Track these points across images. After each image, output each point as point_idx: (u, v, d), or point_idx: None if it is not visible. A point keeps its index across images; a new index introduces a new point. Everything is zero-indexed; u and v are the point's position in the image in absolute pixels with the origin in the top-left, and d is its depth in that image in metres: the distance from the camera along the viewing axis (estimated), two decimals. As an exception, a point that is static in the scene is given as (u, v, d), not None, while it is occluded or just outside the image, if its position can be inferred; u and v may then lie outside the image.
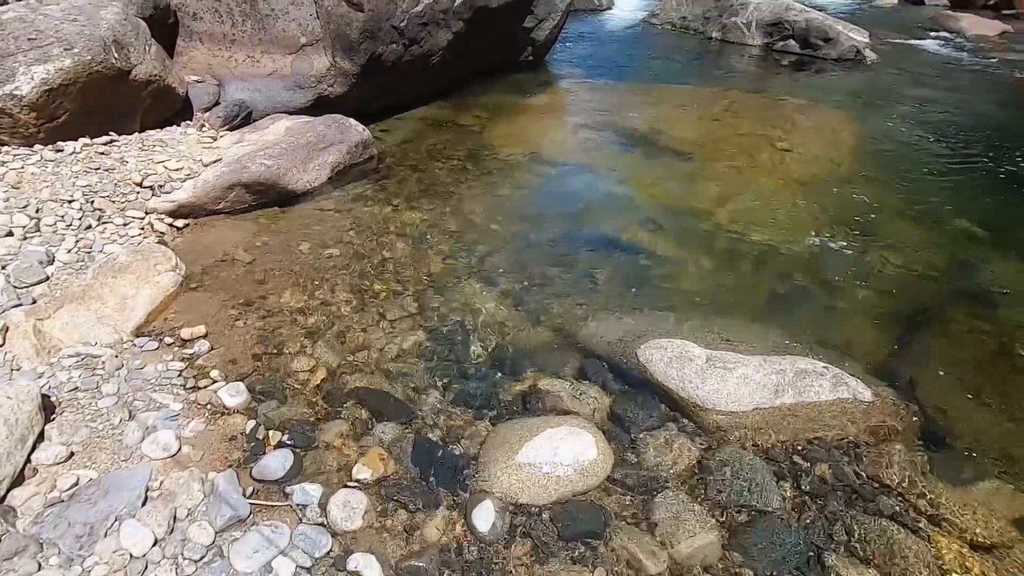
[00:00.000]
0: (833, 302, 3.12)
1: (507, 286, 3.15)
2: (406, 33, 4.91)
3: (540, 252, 3.50)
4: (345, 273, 3.15)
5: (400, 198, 4.02)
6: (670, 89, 6.89)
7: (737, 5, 9.26)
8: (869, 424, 2.20)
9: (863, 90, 6.96)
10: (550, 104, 6.26)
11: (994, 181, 4.65)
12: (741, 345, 2.51)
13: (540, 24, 6.79)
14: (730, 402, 2.17)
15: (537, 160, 4.80)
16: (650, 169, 4.68)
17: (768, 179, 4.53)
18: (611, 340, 2.61)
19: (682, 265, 3.40)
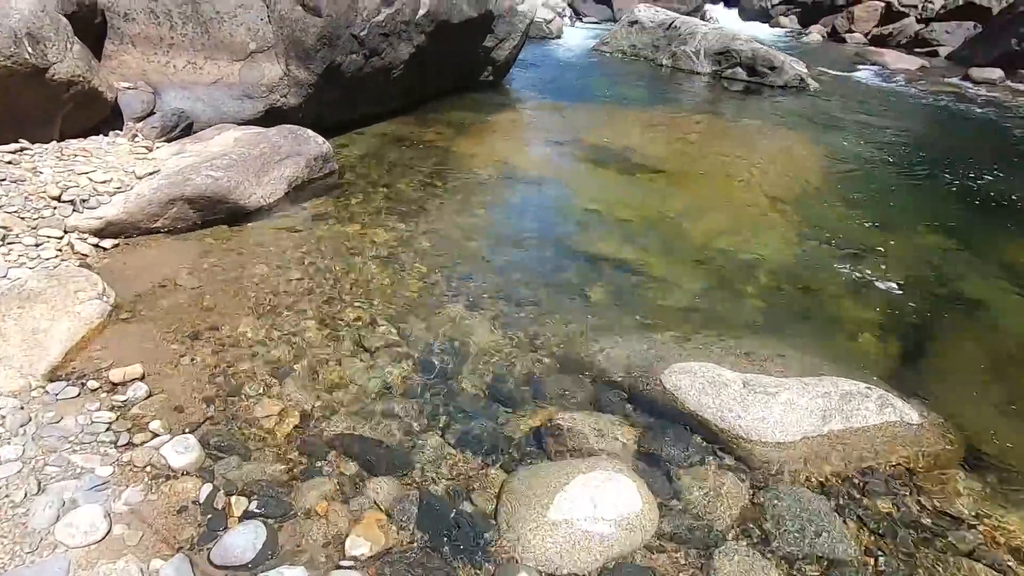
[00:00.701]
0: (840, 314, 2.98)
1: (494, 308, 2.82)
2: (367, 43, 4.59)
3: (524, 271, 3.20)
4: (312, 298, 2.73)
5: (366, 215, 3.64)
6: (632, 111, 6.87)
7: (685, 34, 9.52)
8: (921, 449, 2.00)
9: (813, 114, 7.20)
10: (515, 122, 6.07)
11: (945, 193, 4.82)
12: (770, 365, 2.28)
13: (500, 44, 6.64)
14: (777, 432, 1.92)
15: (508, 177, 4.54)
16: (626, 186, 4.51)
17: (743, 195, 4.46)
18: (626, 365, 2.32)
19: (676, 282, 3.19)
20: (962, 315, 3.04)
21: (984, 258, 3.68)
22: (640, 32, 10.10)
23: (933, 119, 7.55)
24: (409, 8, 4.82)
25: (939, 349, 2.74)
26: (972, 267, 3.56)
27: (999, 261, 3.66)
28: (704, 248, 3.58)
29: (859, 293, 3.21)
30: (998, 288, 3.35)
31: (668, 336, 2.60)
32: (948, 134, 6.96)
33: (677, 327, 2.72)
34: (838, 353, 2.63)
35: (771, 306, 3.03)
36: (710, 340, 2.57)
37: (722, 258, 3.48)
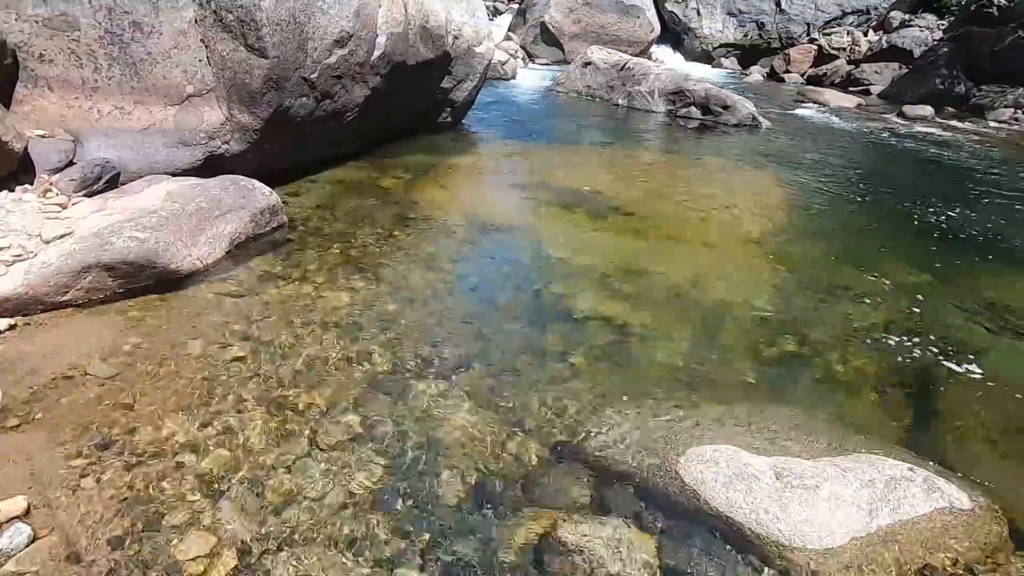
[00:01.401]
0: (838, 369, 2.78)
1: (471, 383, 2.47)
2: (318, 85, 4.27)
3: (500, 334, 2.88)
4: (255, 382, 2.31)
5: (321, 275, 3.25)
6: (594, 151, 6.78)
7: (639, 75, 9.66)
8: (975, 540, 1.75)
9: (768, 152, 7.30)
10: (477, 165, 5.82)
11: (906, 227, 4.84)
12: (790, 443, 2.01)
13: (458, 85, 6.45)
14: (823, 535, 1.63)
15: (474, 225, 4.25)
16: (597, 231, 4.29)
17: (715, 236, 4.30)
18: (631, 451, 2.01)
19: (661, 338, 2.93)
20: (961, 364, 2.90)
21: (963, 296, 3.60)
22: (594, 73, 10.20)
23: (879, 154, 7.80)
24: (363, 50, 4.55)
25: (952, 407, 2.55)
26: (954, 307, 3.46)
27: (978, 299, 3.60)
28: (683, 296, 3.36)
29: (852, 342, 3.03)
30: (986, 330, 3.25)
31: (670, 409, 2.31)
32: (896, 168, 7.17)
33: (676, 397, 2.44)
34: (851, 419, 2.40)
35: (765, 363, 2.80)
36: (717, 412, 2.29)
37: (703, 306, 3.26)
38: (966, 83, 11.81)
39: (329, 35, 4.20)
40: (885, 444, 2.16)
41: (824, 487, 1.72)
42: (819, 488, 1.71)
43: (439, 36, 5.62)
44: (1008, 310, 3.48)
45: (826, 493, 1.70)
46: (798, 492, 1.71)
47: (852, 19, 16.71)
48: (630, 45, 15.22)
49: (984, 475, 2.09)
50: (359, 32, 4.44)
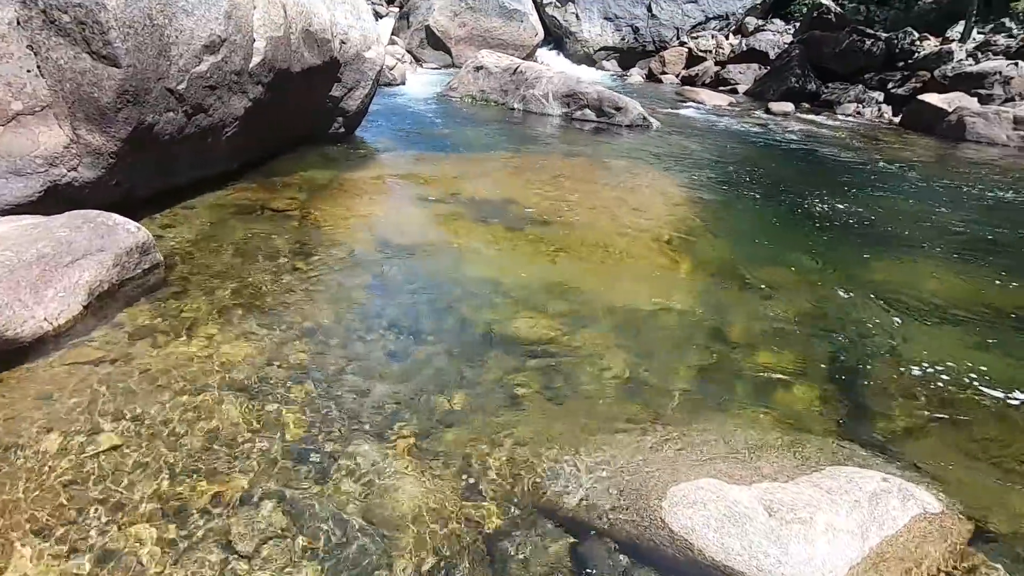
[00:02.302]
0: (774, 370, 2.79)
1: (406, 436, 2.16)
2: (188, 98, 3.68)
3: (433, 373, 2.58)
4: (140, 479, 1.83)
5: (211, 324, 2.74)
6: (498, 158, 6.61)
7: (532, 79, 9.66)
8: (950, 542, 1.75)
9: (663, 150, 7.56)
10: (378, 178, 5.42)
11: (795, 217, 5.13)
12: (762, 463, 1.92)
13: (350, 93, 5.99)
14: (826, 574, 1.52)
15: (385, 247, 3.88)
16: (514, 244, 4.10)
17: (631, 241, 4.28)
18: (607, 499, 1.81)
19: (602, 356, 2.79)
20: (881, 353, 3.03)
21: (858, 281, 3.82)
22: (487, 77, 10.06)
23: (757, 148, 8.37)
24: (239, 56, 4.01)
25: (883, 396, 2.64)
26: (854, 293, 3.66)
27: (871, 282, 3.83)
28: (614, 308, 3.25)
29: (778, 339, 3.07)
30: (889, 312, 3.46)
31: (635, 439, 2.15)
32: (773, 161, 7.72)
33: (636, 422, 2.29)
34: (801, 423, 2.39)
35: (708, 373, 2.74)
36: (679, 435, 2.17)
37: (635, 317, 3.17)
38: (815, 81, 13.14)
39: (197, 39, 3.63)
40: (842, 447, 2.16)
41: (819, 518, 1.63)
42: (814, 520, 1.62)
43: (324, 41, 5.14)
44: (898, 291, 3.74)
45: (822, 525, 1.61)
46: (795, 528, 1.60)
47: (714, 24, 18.03)
48: (516, 49, 15.32)
49: (937, 468, 2.15)
50: (233, 36, 3.89)
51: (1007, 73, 10.59)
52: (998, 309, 3.59)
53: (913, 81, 11.67)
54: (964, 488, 2.03)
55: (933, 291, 3.80)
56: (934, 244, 4.76)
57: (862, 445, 2.21)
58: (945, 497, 1.92)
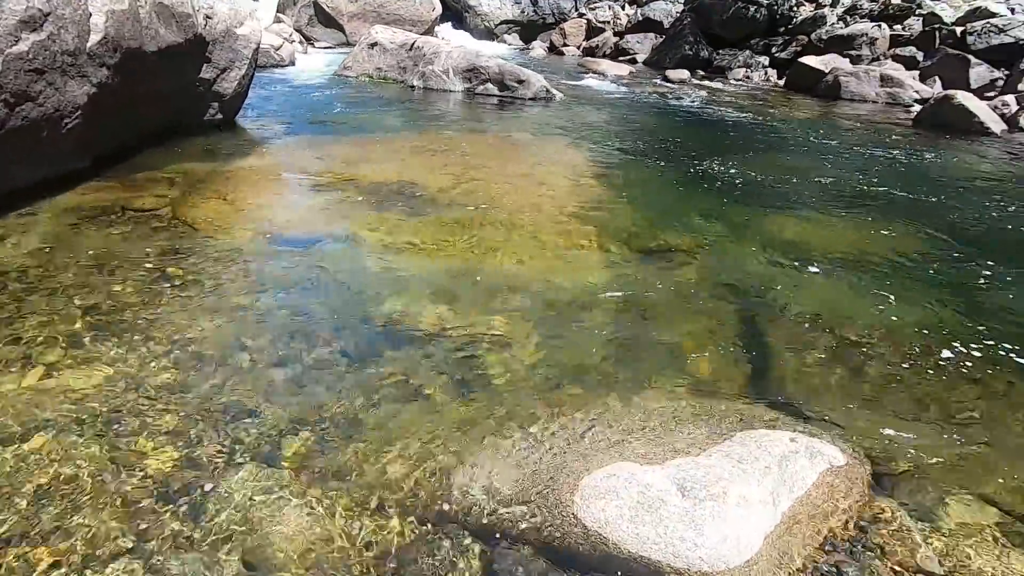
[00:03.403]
0: (684, 335, 2.78)
1: (297, 457, 1.93)
2: (6, 84, 3.10)
3: (331, 380, 2.34)
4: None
5: (53, 350, 2.34)
6: (398, 138, 6.27)
7: (430, 54, 9.28)
8: (856, 492, 1.78)
9: (567, 122, 7.51)
10: (265, 168, 4.95)
11: (699, 180, 5.24)
12: (674, 437, 1.87)
13: (224, 75, 5.41)
14: (742, 549, 1.47)
15: (275, 242, 3.53)
16: (418, 228, 3.86)
17: (542, 217, 4.17)
18: (519, 499, 1.68)
19: (517, 344, 2.66)
20: (781, 310, 3.10)
21: (760, 243, 3.93)
22: (383, 54, 9.56)
23: (658, 115, 8.53)
24: (71, 34, 3.43)
25: (789, 357, 2.68)
26: (760, 253, 3.76)
27: (771, 243, 3.96)
28: (524, 289, 3.13)
29: (690, 305, 3.08)
30: (790, 273, 3.57)
31: (546, 430, 2.03)
32: (674, 127, 7.89)
33: (548, 411, 2.17)
34: (711, 389, 2.38)
35: (621, 348, 2.68)
36: (592, 419, 2.08)
37: (545, 297, 3.06)
38: (707, 48, 13.60)
39: (9, 14, 3.05)
40: (751, 410, 2.15)
41: (731, 491, 1.58)
42: (727, 495, 1.57)
43: (184, 16, 4.57)
44: (793, 246, 3.88)
45: (735, 498, 1.56)
46: (708, 507, 1.54)
47: (611, -5, 18.16)
48: (414, 24, 14.71)
49: (839, 419, 2.19)
50: (59, 10, 3.32)
51: (872, 35, 11.43)
52: (882, 257, 3.81)
53: (794, 45, 12.34)
54: (864, 436, 2.09)
55: (825, 245, 3.97)
56: (821, 199, 5.01)
57: (770, 405, 2.23)
58: (848, 448, 1.96)
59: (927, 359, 2.64)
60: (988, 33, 9.92)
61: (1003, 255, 3.91)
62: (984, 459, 2.04)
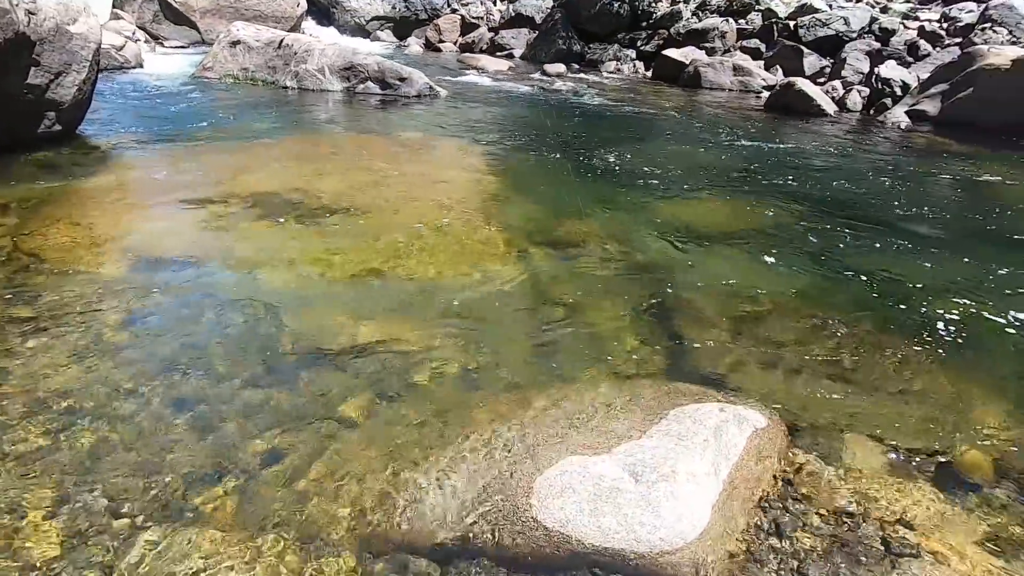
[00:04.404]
0: (609, 321, 2.86)
1: (215, 505, 1.72)
2: None
3: (233, 415, 2.11)
4: None
5: None
6: (277, 144, 5.84)
7: (302, 52, 8.75)
8: (779, 452, 1.92)
9: (455, 119, 7.45)
10: (119, 186, 4.38)
11: (587, 169, 5.43)
12: (614, 422, 1.90)
13: (58, 80, 4.69)
14: (696, 523, 1.53)
15: (143, 270, 3.12)
16: (313, 239, 3.62)
17: (441, 215, 4.09)
18: (472, 511, 1.62)
19: (435, 348, 2.56)
20: (686, 286, 3.29)
21: (655, 226, 4.14)
22: (248, 53, 8.85)
23: (541, 108, 8.72)
24: None
25: (702, 329, 2.84)
26: (654, 238, 3.95)
27: (665, 225, 4.19)
28: (435, 293, 3.04)
29: (596, 291, 3.16)
30: (688, 251, 3.79)
31: (486, 438, 1.98)
32: (559, 120, 8.09)
33: (482, 415, 2.12)
34: (637, 369, 2.46)
35: (542, 342, 2.68)
36: (531, 418, 2.06)
37: (460, 299, 2.98)
38: (579, 43, 14.15)
39: None
40: (677, 386, 2.25)
41: (679, 469, 1.63)
42: (676, 473, 1.62)
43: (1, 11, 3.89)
44: (685, 227, 4.14)
45: (684, 475, 1.62)
46: (661, 488, 1.58)
47: (481, -10, 18.25)
48: (278, 21, 13.80)
49: (756, 384, 2.36)
50: None
51: (722, 28, 12.54)
52: (760, 231, 4.18)
53: (656, 39, 13.20)
54: (778, 396, 2.27)
55: (709, 223, 4.28)
56: (698, 181, 5.40)
57: (693, 380, 2.35)
58: (768, 410, 2.11)
59: (815, 320, 2.94)
60: (814, 26, 11.28)
61: (857, 219, 4.46)
62: (873, 404, 2.31)
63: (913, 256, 3.82)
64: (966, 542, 1.68)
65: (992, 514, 1.81)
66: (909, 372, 2.54)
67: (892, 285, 3.38)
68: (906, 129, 8.09)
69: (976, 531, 1.73)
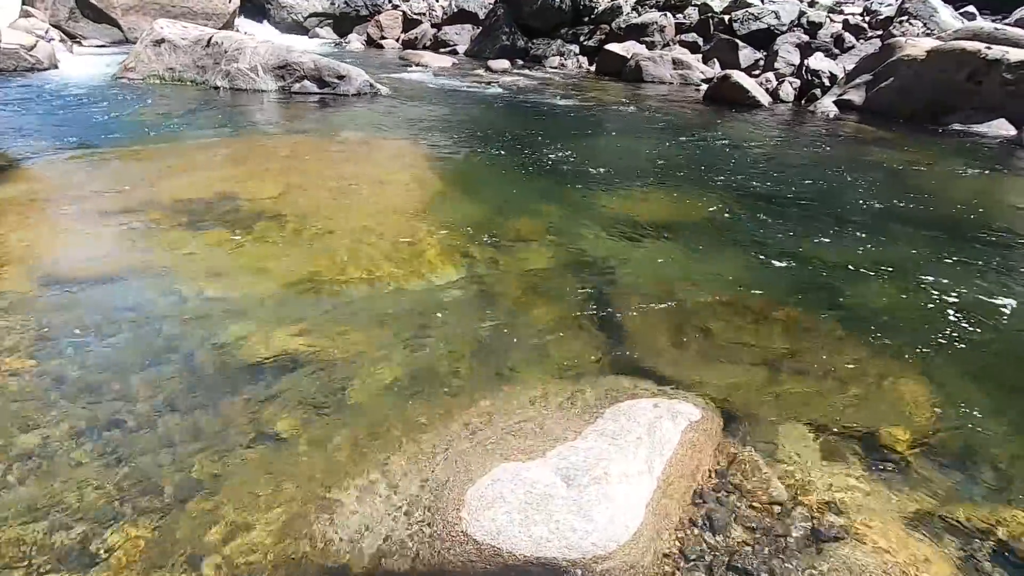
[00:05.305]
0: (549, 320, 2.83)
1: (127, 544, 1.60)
2: None
3: (153, 440, 1.98)
4: None
5: None
6: (208, 147, 5.56)
7: (233, 51, 8.38)
8: (714, 444, 1.93)
9: (396, 117, 7.29)
10: (27, 195, 4.06)
11: (531, 166, 5.39)
12: (549, 422, 1.87)
13: (-50, 83, 4.29)
14: (629, 524, 1.51)
15: (54, 286, 2.90)
16: (245, 246, 3.45)
17: (382, 218, 3.97)
18: (403, 528, 1.55)
19: (373, 358, 2.48)
20: (619, 280, 3.30)
21: (597, 220, 4.15)
22: (173, 52, 8.41)
23: (485, 105, 8.65)
24: None
25: (638, 324, 2.85)
26: (596, 232, 3.96)
27: (606, 219, 4.21)
28: (373, 299, 2.95)
29: (539, 291, 3.14)
30: (626, 244, 3.82)
31: (419, 449, 1.91)
32: (503, 116, 8.06)
33: (419, 427, 2.05)
34: (574, 368, 2.44)
35: (482, 344, 2.63)
36: (467, 425, 2.00)
37: (400, 303, 2.91)
38: (523, 39, 14.13)
39: None
40: (614, 383, 2.25)
41: (612, 470, 1.61)
42: (608, 474, 1.60)
43: None
44: (625, 220, 4.16)
45: (616, 476, 1.60)
46: (594, 491, 1.56)
47: (422, -14, 17.96)
48: (208, 18, 13.21)
49: (689, 376, 2.38)
50: None
51: (661, 23, 12.77)
52: (697, 223, 4.25)
53: (598, 34, 13.33)
54: (713, 388, 2.30)
55: (649, 216, 4.31)
56: (640, 175, 5.45)
57: (629, 375, 2.35)
58: (701, 402, 2.13)
59: (747, 308, 3.00)
60: (748, 20, 11.63)
61: (788, 207, 4.60)
62: (805, 389, 2.36)
63: (840, 241, 3.96)
64: (890, 522, 1.73)
65: (916, 492, 1.87)
66: (838, 355, 2.62)
67: (820, 270, 3.50)
68: (834, 118, 8.44)
69: (901, 510, 1.78)
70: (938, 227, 4.31)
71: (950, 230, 4.25)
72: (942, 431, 2.19)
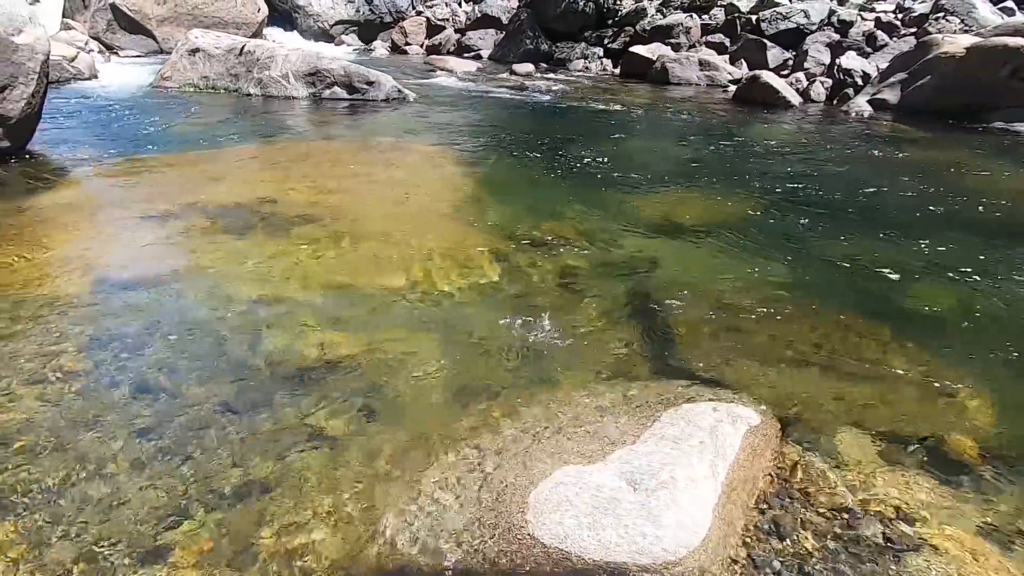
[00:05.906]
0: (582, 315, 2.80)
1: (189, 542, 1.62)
2: None
3: (204, 442, 2.01)
4: None
5: None
6: (243, 153, 5.67)
7: (264, 59, 8.54)
8: (773, 449, 1.89)
9: (425, 122, 7.34)
10: (75, 202, 4.18)
11: (565, 169, 5.37)
12: (609, 426, 1.85)
13: (5, 94, 4.46)
14: (697, 528, 1.48)
15: (104, 290, 2.97)
16: (287, 251, 3.49)
17: (418, 222, 3.99)
18: (463, 534, 1.54)
19: (417, 358, 2.48)
20: (666, 284, 3.26)
21: (633, 222, 4.11)
22: (208, 61, 8.60)
23: (512, 109, 8.66)
24: None
25: (689, 327, 2.80)
26: (632, 233, 3.92)
27: (643, 221, 4.16)
28: (417, 300, 2.96)
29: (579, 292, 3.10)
30: (666, 246, 3.76)
31: (474, 451, 1.90)
32: (530, 120, 8.06)
33: (470, 430, 2.04)
34: (627, 372, 2.41)
35: (526, 346, 2.62)
36: (520, 428, 1.99)
37: (440, 306, 2.90)
38: (547, 42, 14.14)
39: None
40: (668, 386, 2.21)
41: (678, 474, 1.59)
42: (676, 479, 1.57)
43: (-66, 22, 3.66)
44: (663, 222, 4.12)
45: (683, 481, 1.57)
46: (661, 496, 1.53)
47: (445, -9, 18.11)
48: (239, 28, 13.48)
49: (746, 380, 2.33)
50: None
51: (687, 24, 12.67)
52: (736, 222, 4.18)
53: (623, 36, 13.27)
54: (768, 391, 2.25)
55: (686, 217, 4.27)
56: (673, 175, 5.40)
57: (682, 379, 2.31)
58: (759, 406, 2.08)
59: (795, 310, 2.93)
60: (776, 20, 11.47)
61: (828, 208, 4.50)
62: (860, 393, 2.30)
63: (887, 243, 3.86)
64: (964, 532, 1.67)
65: (987, 502, 1.80)
66: (893, 359, 2.54)
67: (869, 273, 3.41)
68: (869, 118, 8.26)
69: (974, 520, 1.72)
70: (987, 229, 4.18)
71: (1001, 232, 4.12)
72: (1008, 439, 2.11)
